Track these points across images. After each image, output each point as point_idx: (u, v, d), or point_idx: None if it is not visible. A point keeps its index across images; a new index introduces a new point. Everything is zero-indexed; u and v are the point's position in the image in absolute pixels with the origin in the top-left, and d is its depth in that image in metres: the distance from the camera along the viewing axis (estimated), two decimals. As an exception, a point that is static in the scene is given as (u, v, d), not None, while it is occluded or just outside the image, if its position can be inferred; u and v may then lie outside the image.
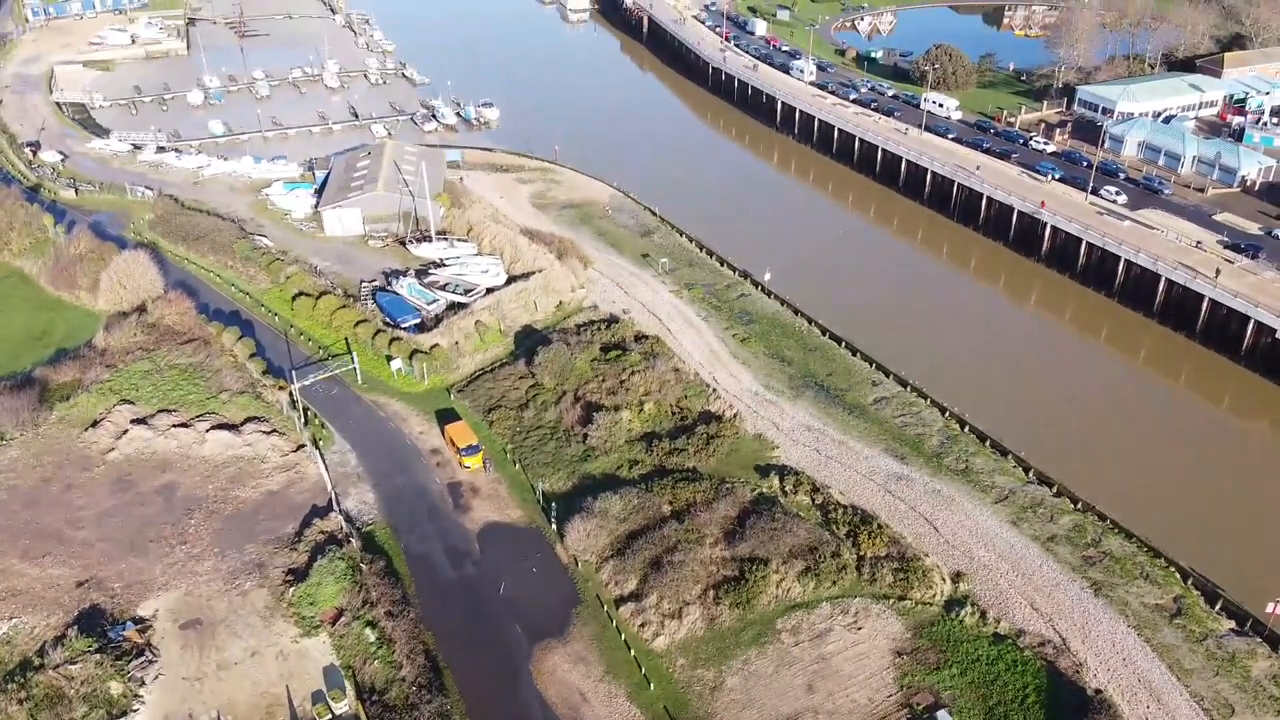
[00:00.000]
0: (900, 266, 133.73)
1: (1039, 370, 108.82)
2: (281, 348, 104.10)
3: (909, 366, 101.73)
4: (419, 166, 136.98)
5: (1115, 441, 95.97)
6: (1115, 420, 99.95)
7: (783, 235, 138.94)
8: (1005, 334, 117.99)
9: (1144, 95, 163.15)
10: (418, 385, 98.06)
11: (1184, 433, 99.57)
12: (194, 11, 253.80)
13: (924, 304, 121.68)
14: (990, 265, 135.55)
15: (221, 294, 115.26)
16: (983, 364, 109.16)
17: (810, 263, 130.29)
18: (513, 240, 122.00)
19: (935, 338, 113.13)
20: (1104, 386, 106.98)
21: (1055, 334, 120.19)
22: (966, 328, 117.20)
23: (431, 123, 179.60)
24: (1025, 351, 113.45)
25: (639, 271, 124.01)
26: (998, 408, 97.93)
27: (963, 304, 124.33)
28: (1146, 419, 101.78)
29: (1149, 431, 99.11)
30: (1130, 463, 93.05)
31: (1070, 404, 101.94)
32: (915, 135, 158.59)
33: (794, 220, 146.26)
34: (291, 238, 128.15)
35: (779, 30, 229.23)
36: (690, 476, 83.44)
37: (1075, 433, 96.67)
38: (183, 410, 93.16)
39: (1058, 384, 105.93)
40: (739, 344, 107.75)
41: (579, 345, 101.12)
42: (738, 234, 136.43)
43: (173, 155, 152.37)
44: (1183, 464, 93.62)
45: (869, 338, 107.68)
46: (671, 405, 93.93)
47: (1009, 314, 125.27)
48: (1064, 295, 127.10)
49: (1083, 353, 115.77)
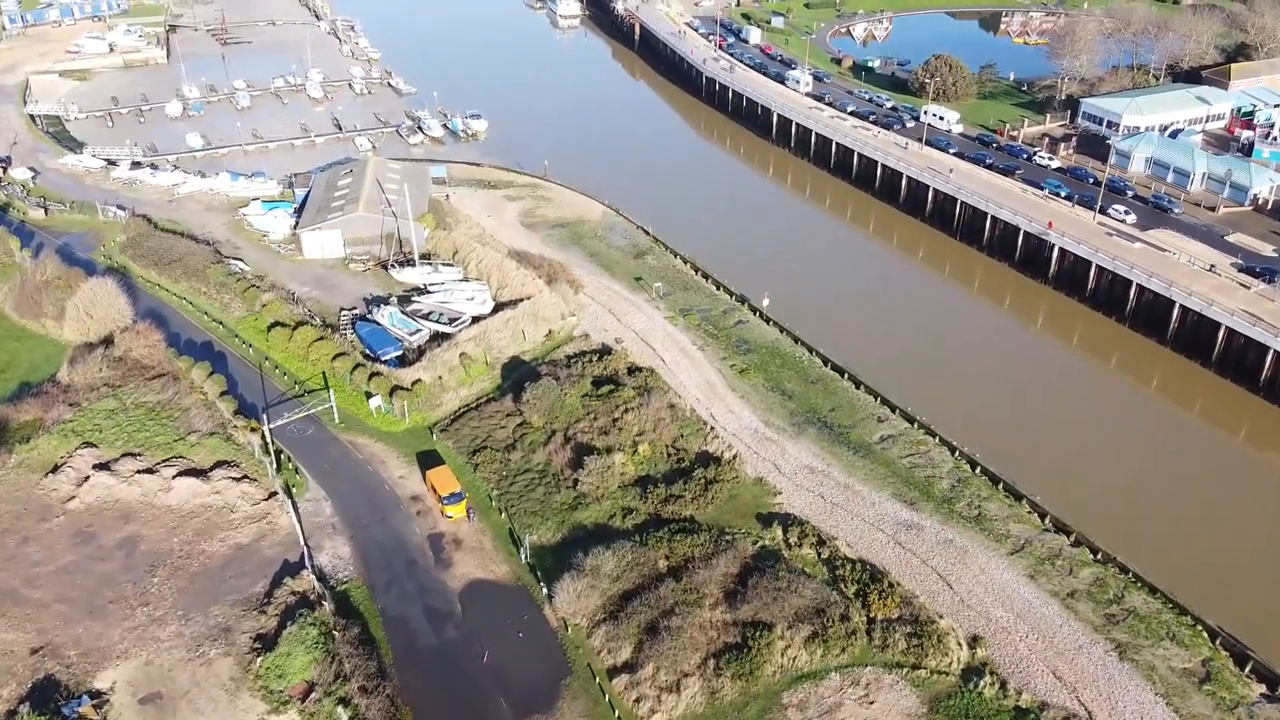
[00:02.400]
0: (901, 289, 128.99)
1: (1049, 402, 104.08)
2: (255, 383, 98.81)
3: (914, 399, 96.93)
4: (403, 185, 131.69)
5: (1130, 481, 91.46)
6: (1130, 457, 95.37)
7: (780, 256, 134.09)
8: (1013, 362, 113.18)
9: (1150, 108, 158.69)
10: (398, 424, 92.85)
11: (1202, 471, 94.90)
12: (175, 18, 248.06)
13: (928, 330, 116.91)
14: (995, 287, 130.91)
15: (194, 323, 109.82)
16: (990, 396, 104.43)
17: (809, 286, 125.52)
18: (500, 264, 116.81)
19: (940, 367, 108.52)
20: (1117, 420, 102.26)
21: (1064, 361, 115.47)
22: (972, 355, 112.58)
23: (417, 135, 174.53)
24: (1034, 381, 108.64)
25: (632, 296, 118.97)
26: (1008, 444, 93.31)
27: (968, 329, 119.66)
28: (1161, 455, 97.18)
29: (1164, 469, 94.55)
30: (1148, 506, 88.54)
31: (1083, 440, 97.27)
32: (916, 150, 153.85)
33: (791, 240, 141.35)
34: (269, 261, 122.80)
35: (773, 38, 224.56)
36: (688, 527, 78.45)
37: (1089, 473, 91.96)
38: (148, 454, 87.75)
39: (1069, 417, 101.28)
40: (737, 376, 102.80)
41: (569, 379, 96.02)
42: (734, 255, 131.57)
43: (148, 172, 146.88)
44: (1202, 506, 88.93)
45: (872, 368, 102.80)
46: (667, 445, 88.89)
47: (1016, 339, 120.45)
48: (1072, 319, 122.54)
49: (1094, 382, 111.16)
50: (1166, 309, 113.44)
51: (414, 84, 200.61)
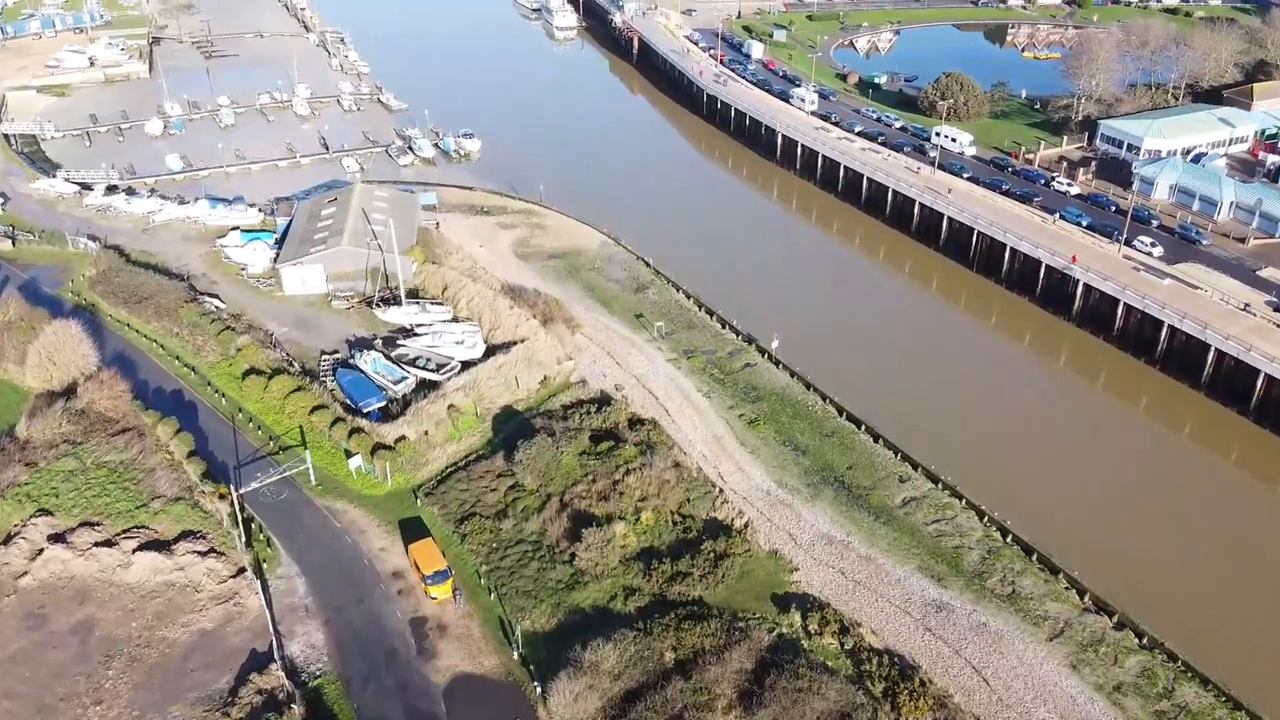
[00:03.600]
0: (914, 324, 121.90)
1: (1079, 456, 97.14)
2: (227, 439, 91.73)
3: (936, 453, 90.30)
4: (390, 214, 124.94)
5: (1173, 549, 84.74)
6: (1170, 519, 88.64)
7: (787, 289, 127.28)
8: (1037, 408, 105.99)
9: (1171, 131, 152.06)
10: (380, 487, 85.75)
11: (1251, 538, 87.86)
12: (159, 30, 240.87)
13: (945, 373, 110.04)
14: (1015, 322, 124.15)
15: (164, 369, 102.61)
16: (1015, 448, 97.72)
17: (818, 321, 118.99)
18: (492, 303, 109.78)
19: (959, 414, 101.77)
20: (1152, 474, 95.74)
21: (1093, 408, 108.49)
22: (994, 402, 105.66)
23: (408, 155, 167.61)
24: (1061, 431, 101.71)
25: (632, 336, 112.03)
26: (1038, 504, 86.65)
27: (988, 372, 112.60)
28: (1205, 516, 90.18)
29: (1208, 533, 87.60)
30: (1193, 579, 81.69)
31: (1118, 499, 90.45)
32: (928, 175, 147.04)
33: (798, 270, 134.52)
34: (247, 297, 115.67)
35: (776, 52, 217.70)
36: (697, 612, 71.46)
37: (1128, 538, 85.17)
38: (108, 523, 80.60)
39: (1101, 473, 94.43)
40: (746, 427, 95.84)
41: (565, 435, 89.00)
42: (738, 286, 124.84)
43: (122, 198, 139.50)
44: (1252, 581, 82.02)
45: (888, 416, 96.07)
46: (672, 512, 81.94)
47: (1040, 382, 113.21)
48: (1098, 359, 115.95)
49: (1124, 431, 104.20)
50: (1201, 352, 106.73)
51: (405, 100, 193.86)
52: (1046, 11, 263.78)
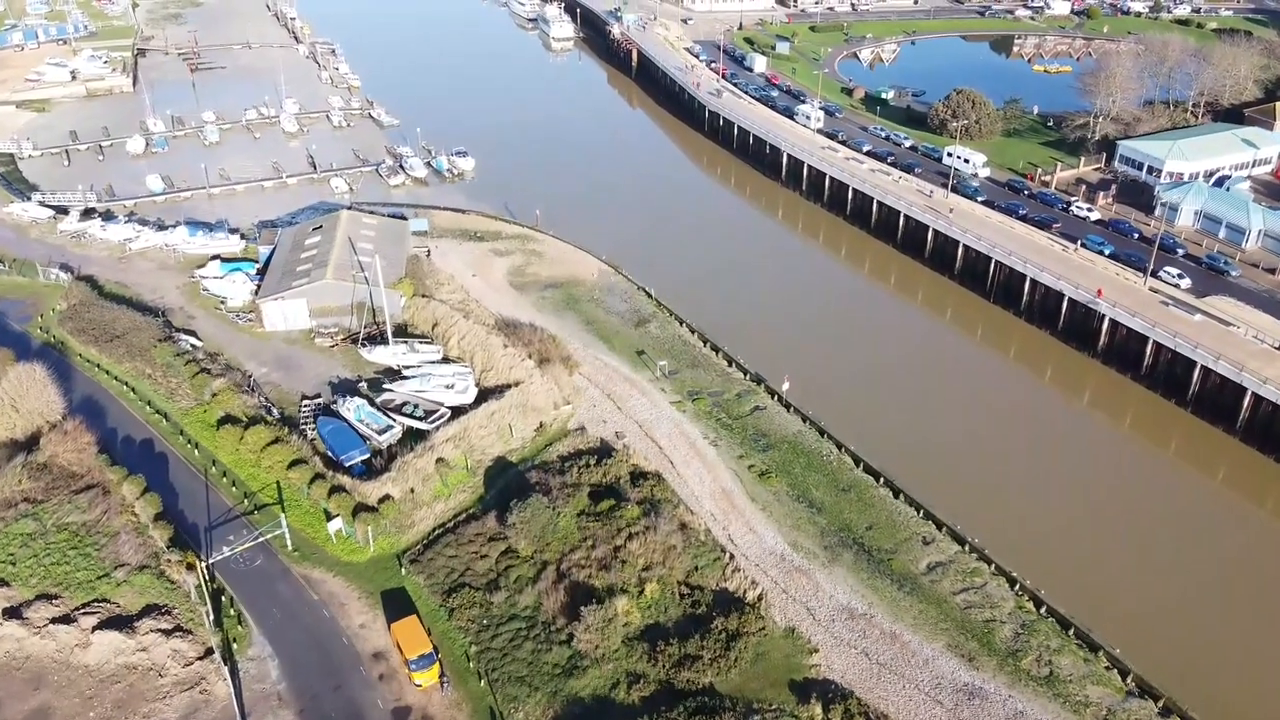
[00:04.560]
0: (930, 359, 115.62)
1: (1110, 509, 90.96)
2: (199, 496, 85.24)
3: (959, 508, 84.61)
4: (378, 244, 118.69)
5: (1217, 617, 78.42)
6: (1214, 586, 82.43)
7: (796, 322, 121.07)
8: (1062, 451, 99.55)
9: (1194, 152, 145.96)
10: (361, 553, 79.26)
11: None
12: (145, 41, 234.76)
13: (965, 414, 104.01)
14: (1036, 358, 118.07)
15: (135, 415, 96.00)
16: (1043, 498, 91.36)
17: (828, 357, 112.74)
18: (485, 342, 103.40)
19: (981, 461, 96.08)
20: (1190, 528, 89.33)
21: (1124, 454, 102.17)
22: (1017, 447, 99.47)
23: (399, 175, 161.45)
24: (1090, 477, 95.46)
25: (633, 375, 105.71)
26: (1070, 566, 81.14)
27: (1009, 413, 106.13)
28: (1251, 584, 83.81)
29: (1258, 603, 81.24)
30: (1243, 655, 75.46)
31: (1154, 561, 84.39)
32: (941, 198, 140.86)
33: (805, 298, 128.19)
34: (225, 334, 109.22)
35: (779, 65, 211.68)
36: (708, 704, 65.05)
37: (1168, 605, 79.27)
38: (67, 595, 74.05)
39: (1135, 529, 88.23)
40: (757, 480, 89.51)
41: (562, 492, 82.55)
42: (745, 320, 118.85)
43: (98, 224, 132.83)
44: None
45: (906, 465, 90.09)
46: (679, 582, 75.55)
47: (1064, 426, 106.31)
48: (1125, 399, 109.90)
49: (1156, 478, 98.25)
50: (1236, 395, 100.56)
51: (396, 115, 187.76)
52: (1055, 22, 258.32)
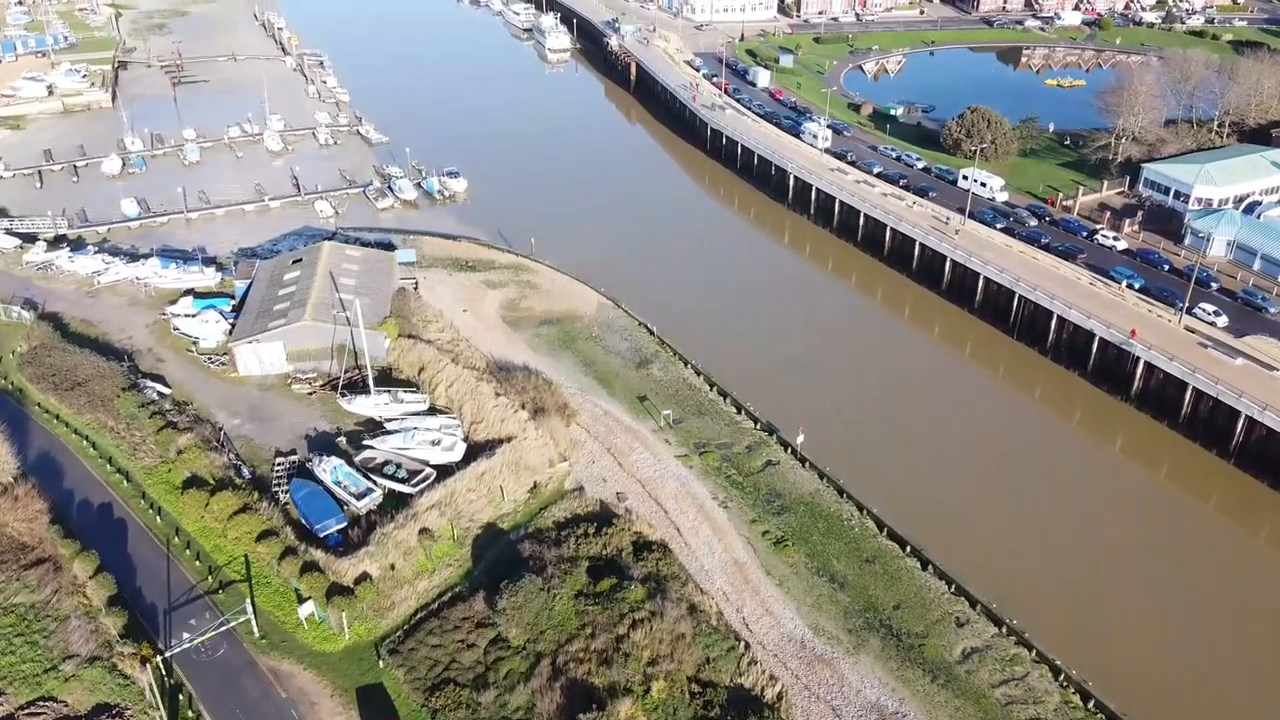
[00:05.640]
0: (949, 404, 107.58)
1: (1157, 579, 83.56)
2: (159, 571, 77.55)
3: (993, 580, 77.60)
4: (362, 279, 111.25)
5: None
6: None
7: (808, 361, 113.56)
8: (1101, 517, 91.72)
9: (1222, 177, 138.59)
10: (336, 640, 71.57)
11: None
12: (126, 53, 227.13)
13: (988, 467, 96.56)
14: (1064, 401, 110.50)
15: (94, 475, 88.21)
16: (1081, 569, 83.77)
17: (843, 402, 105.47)
18: (475, 390, 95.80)
19: (1011, 523, 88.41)
20: (1245, 605, 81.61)
21: (1168, 514, 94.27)
22: (1048, 505, 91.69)
23: (387, 198, 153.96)
24: (1133, 547, 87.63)
25: (635, 425, 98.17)
26: (1117, 652, 73.58)
27: (1040, 464, 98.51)
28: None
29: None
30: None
31: (1208, 640, 76.84)
32: (957, 224, 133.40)
33: (818, 336, 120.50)
34: (196, 380, 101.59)
35: (784, 79, 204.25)
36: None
37: (1230, 696, 71.43)
38: (11, 692, 66.42)
39: (1186, 605, 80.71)
40: (772, 549, 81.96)
41: (558, 568, 74.98)
42: (753, 359, 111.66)
43: (65, 255, 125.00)
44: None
45: (933, 531, 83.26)
46: (689, 679, 67.87)
47: (1100, 480, 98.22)
48: (1161, 448, 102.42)
49: (1207, 543, 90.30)
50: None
51: (385, 131, 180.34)
52: (1065, 33, 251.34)
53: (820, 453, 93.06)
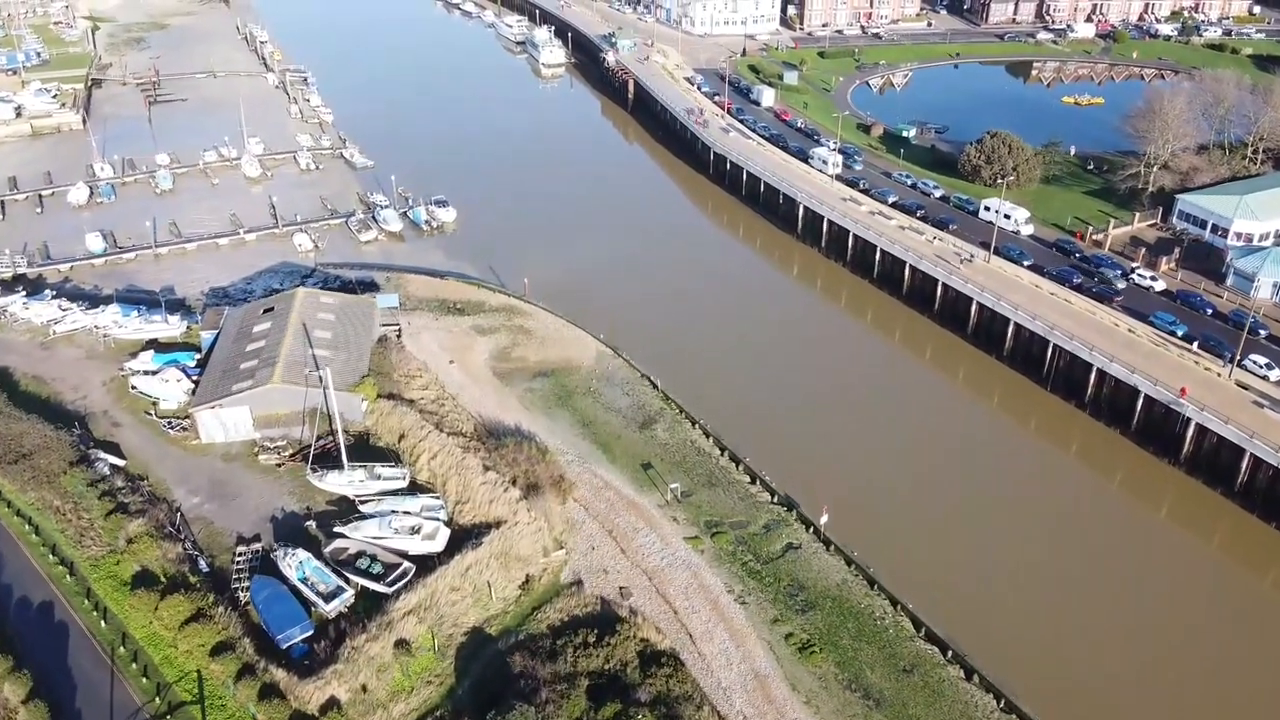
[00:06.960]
0: (983, 468, 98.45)
1: (1239, 689, 74.24)
2: (101, 690, 67.95)
3: (1043, 692, 68.25)
4: (339, 329, 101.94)
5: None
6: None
7: (826, 418, 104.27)
8: (1164, 604, 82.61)
9: (1264, 210, 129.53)
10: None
11: None
12: (101, 70, 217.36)
13: (1028, 543, 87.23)
14: (1106, 463, 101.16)
15: (35, 566, 78.43)
16: (1150, 678, 74.65)
17: (866, 467, 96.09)
18: (460, 464, 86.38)
19: (1060, 617, 79.16)
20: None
21: (1232, 599, 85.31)
22: (1108, 595, 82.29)
23: (371, 229, 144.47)
24: (1208, 648, 78.56)
25: (639, 498, 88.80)
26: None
27: (1087, 542, 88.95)
28: None
29: None
30: None
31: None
32: (982, 262, 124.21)
33: (834, 389, 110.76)
34: (153, 448, 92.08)
35: (789, 97, 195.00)
36: None
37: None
38: None
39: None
40: (797, 657, 72.61)
41: (553, 691, 65.55)
42: (767, 417, 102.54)
43: (19, 301, 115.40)
44: None
45: (972, 626, 74.38)
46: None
47: (1161, 563, 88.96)
48: (1215, 520, 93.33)
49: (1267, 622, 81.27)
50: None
51: (371, 154, 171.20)
52: (1079, 46, 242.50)
53: (845, 530, 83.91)
